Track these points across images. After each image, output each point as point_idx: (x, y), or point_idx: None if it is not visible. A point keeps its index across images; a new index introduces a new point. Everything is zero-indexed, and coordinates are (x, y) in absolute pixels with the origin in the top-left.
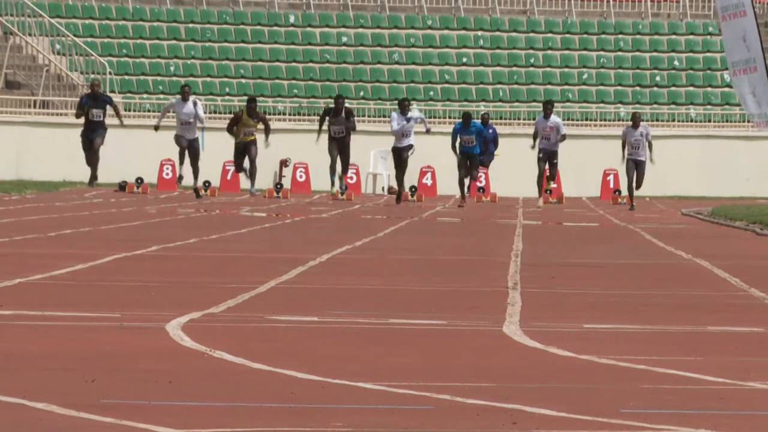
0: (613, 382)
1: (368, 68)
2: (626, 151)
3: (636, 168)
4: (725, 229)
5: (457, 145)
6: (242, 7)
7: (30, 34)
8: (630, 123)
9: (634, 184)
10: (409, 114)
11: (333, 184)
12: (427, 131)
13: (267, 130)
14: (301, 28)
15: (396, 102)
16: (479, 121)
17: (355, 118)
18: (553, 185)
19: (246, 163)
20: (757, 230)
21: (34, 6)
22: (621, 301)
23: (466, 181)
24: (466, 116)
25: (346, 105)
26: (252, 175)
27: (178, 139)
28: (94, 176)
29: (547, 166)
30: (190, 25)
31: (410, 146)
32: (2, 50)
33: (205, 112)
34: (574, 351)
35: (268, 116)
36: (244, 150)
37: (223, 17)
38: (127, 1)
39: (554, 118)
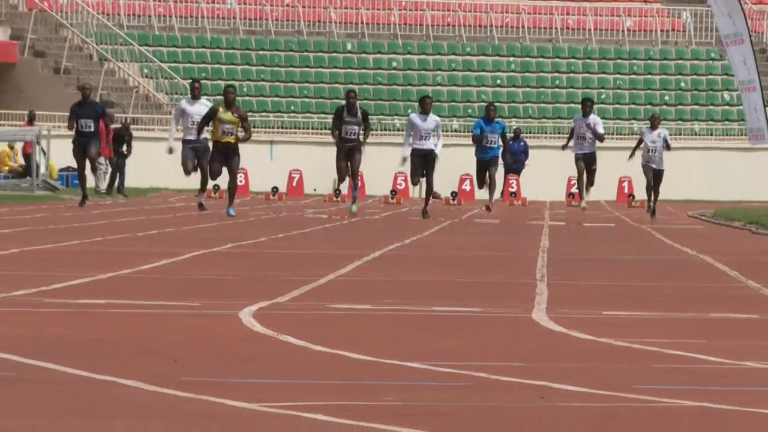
0: (627, 361)
1: (415, 89)
2: (642, 155)
3: (655, 177)
4: (725, 229)
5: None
6: (306, 36)
7: (122, 60)
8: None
9: (652, 192)
10: (431, 116)
11: (337, 192)
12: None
13: (246, 133)
14: (356, 54)
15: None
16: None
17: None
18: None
19: (223, 179)
20: (753, 230)
21: (125, 36)
22: (635, 291)
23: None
24: (490, 108)
25: (362, 108)
26: (231, 193)
27: (186, 150)
28: (84, 195)
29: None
30: (261, 52)
31: (432, 151)
32: (98, 74)
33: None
34: (594, 335)
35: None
36: (224, 152)
37: (289, 45)
38: (206, 31)
39: (593, 117)
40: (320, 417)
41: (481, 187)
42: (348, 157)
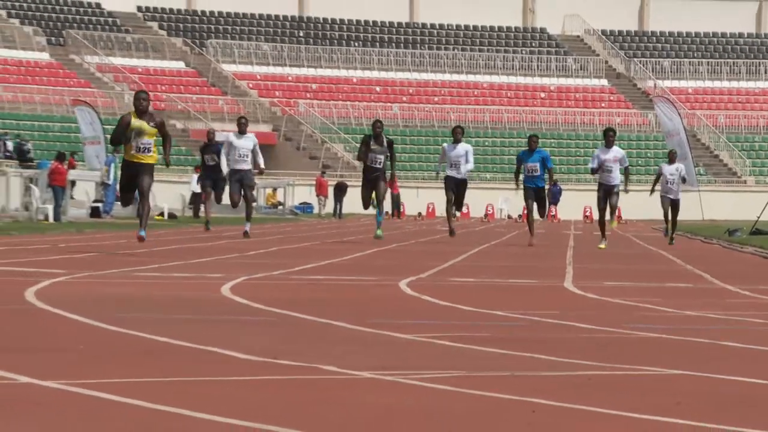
0: (620, 311)
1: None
2: (660, 187)
3: (672, 207)
4: (675, 237)
5: (521, 178)
6: (436, 127)
7: (334, 142)
8: (668, 160)
9: (670, 222)
10: (461, 145)
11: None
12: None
13: (166, 143)
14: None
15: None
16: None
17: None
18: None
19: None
20: (688, 236)
21: (336, 128)
22: (623, 271)
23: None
24: (532, 139)
25: (388, 137)
26: (144, 215)
27: (232, 183)
28: (207, 224)
29: (608, 206)
30: (414, 137)
31: (465, 181)
32: (320, 150)
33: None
34: (600, 295)
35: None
36: (135, 175)
37: (423, 131)
38: (351, 123)
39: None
40: (445, 342)
41: (529, 206)
42: (372, 185)
